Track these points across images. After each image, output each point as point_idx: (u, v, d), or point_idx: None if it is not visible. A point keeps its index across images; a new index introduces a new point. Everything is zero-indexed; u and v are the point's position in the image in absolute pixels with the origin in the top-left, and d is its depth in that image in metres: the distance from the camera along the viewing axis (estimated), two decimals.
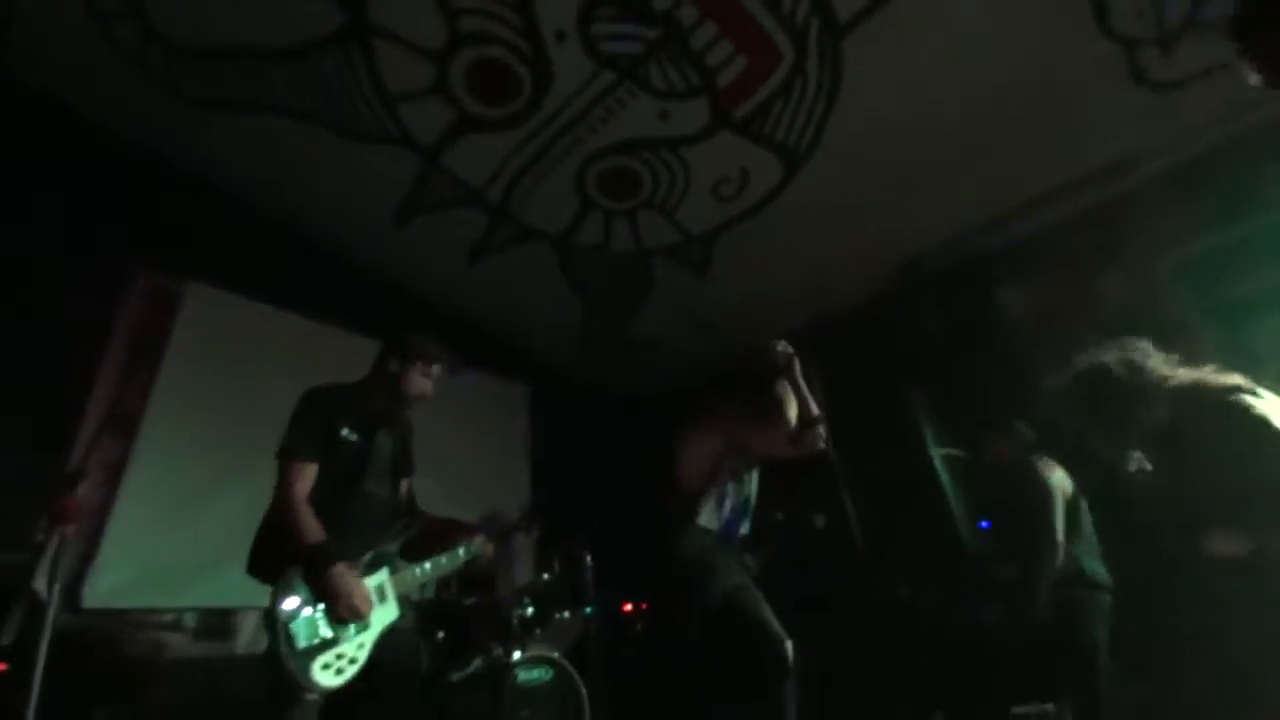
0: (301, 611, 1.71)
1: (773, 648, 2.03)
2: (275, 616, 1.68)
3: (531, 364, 5.37)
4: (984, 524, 3.71)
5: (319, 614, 1.73)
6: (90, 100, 3.36)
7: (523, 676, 2.74)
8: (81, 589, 2.78)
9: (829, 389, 2.38)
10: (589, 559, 3.26)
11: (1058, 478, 2.82)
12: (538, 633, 2.97)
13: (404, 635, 1.94)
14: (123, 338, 3.29)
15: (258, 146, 3.60)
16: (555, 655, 2.87)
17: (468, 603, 2.91)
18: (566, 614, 3.12)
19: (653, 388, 5.53)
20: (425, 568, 2.04)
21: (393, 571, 1.96)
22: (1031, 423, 2.96)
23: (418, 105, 3.37)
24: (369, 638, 1.80)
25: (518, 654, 2.76)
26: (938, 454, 3.87)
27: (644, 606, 3.99)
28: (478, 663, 2.73)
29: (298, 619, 1.70)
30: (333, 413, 1.98)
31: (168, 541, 3.03)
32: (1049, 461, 2.87)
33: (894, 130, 3.44)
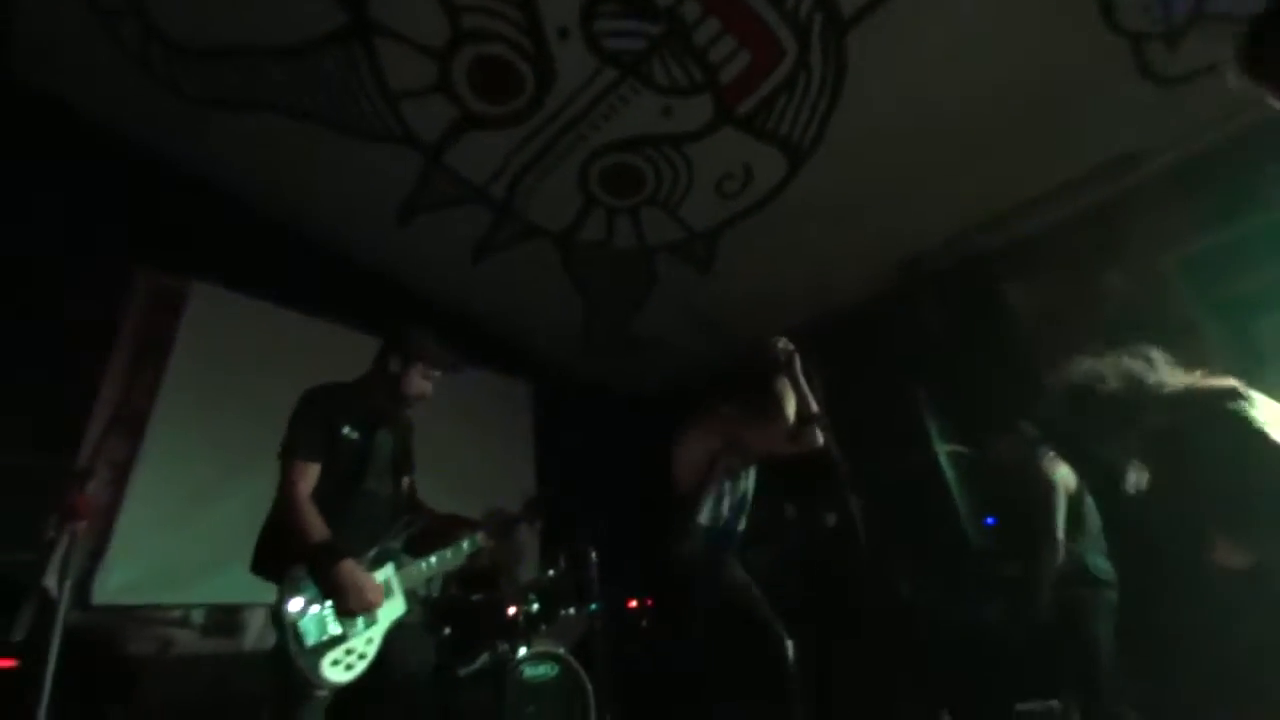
0: (309, 609, 1.71)
1: (773, 647, 2.03)
2: (283, 614, 1.68)
3: (535, 362, 5.38)
4: (989, 521, 3.70)
5: (326, 610, 1.73)
6: (91, 99, 3.36)
7: (528, 672, 2.75)
8: (91, 586, 2.81)
9: (832, 386, 2.37)
10: (594, 555, 3.27)
11: (1061, 474, 2.80)
12: (543, 629, 2.98)
13: (412, 630, 1.94)
14: (129, 338, 3.31)
15: (259, 145, 3.60)
16: (561, 651, 2.88)
17: (474, 599, 2.93)
18: (572, 610, 3.13)
19: (655, 385, 5.54)
20: (430, 562, 2.04)
21: (398, 567, 1.96)
22: (1034, 420, 2.95)
23: (420, 103, 3.37)
24: (377, 633, 1.81)
25: (523, 650, 2.77)
26: (942, 450, 3.85)
27: (648, 603, 4.00)
28: (484, 658, 2.75)
29: (305, 616, 1.70)
30: (333, 412, 1.98)
31: (176, 539, 3.05)
32: (1053, 458, 2.85)
33: (897, 127, 3.42)
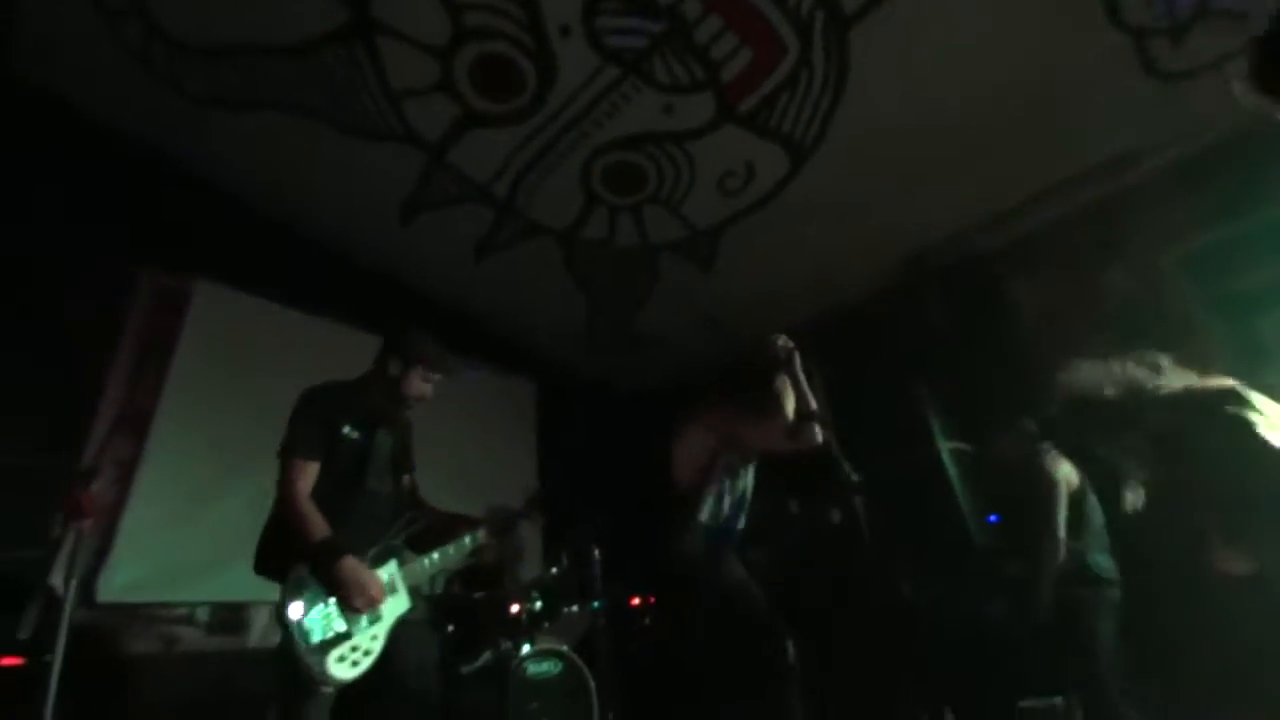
0: (313, 606, 1.72)
1: (773, 646, 2.03)
2: (287, 613, 1.69)
3: (537, 360, 5.38)
4: (992, 518, 3.70)
5: (331, 608, 1.74)
6: (93, 98, 3.36)
7: (532, 669, 2.75)
8: (96, 584, 2.82)
9: (835, 383, 2.36)
10: (596, 553, 3.28)
11: (1064, 472, 2.79)
12: (546, 626, 2.99)
13: (416, 626, 1.95)
14: (133, 337, 3.31)
15: (261, 145, 3.60)
16: (564, 648, 2.89)
17: (477, 596, 2.94)
18: (574, 608, 3.14)
19: (658, 383, 5.54)
20: (433, 558, 2.04)
21: (401, 563, 1.96)
22: (1036, 417, 2.95)
23: (422, 102, 3.37)
24: (382, 629, 1.82)
25: (527, 647, 2.78)
26: (945, 448, 3.85)
27: (651, 600, 4.01)
28: (487, 656, 2.75)
29: (310, 614, 1.71)
30: (332, 411, 1.98)
31: (180, 537, 3.06)
32: (1055, 455, 2.85)
33: (899, 124, 3.41)
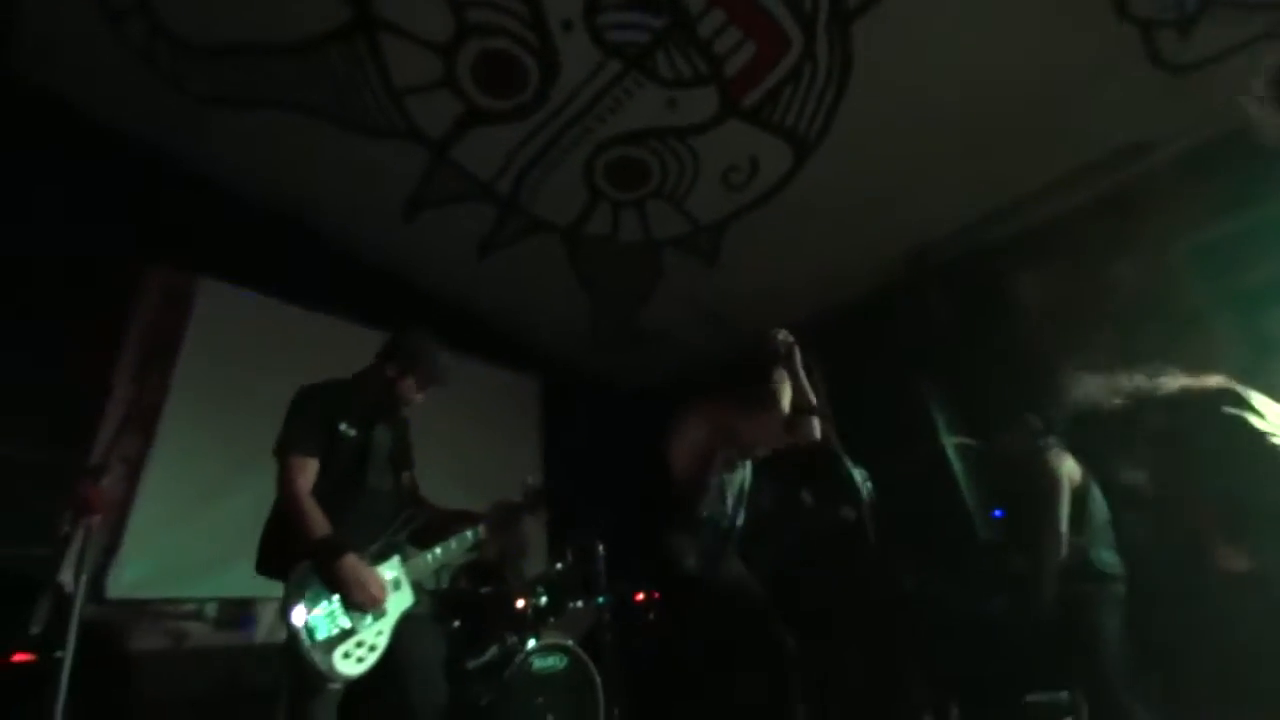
0: (317, 604, 1.72)
1: (772, 642, 2.02)
2: (291, 611, 1.69)
3: (541, 357, 5.39)
4: (997, 513, 3.69)
5: (335, 605, 1.74)
6: (94, 98, 3.37)
7: (538, 664, 2.76)
8: (105, 580, 2.84)
9: (838, 379, 2.36)
10: (601, 549, 3.28)
11: (1067, 467, 2.77)
12: (552, 621, 3.00)
13: (421, 621, 1.95)
14: (139, 335, 3.33)
15: (264, 143, 3.61)
16: (570, 643, 2.90)
17: (483, 592, 2.94)
18: (579, 603, 3.15)
19: (662, 380, 5.54)
20: (436, 553, 2.04)
21: (404, 559, 1.96)
22: (1040, 413, 2.94)
23: (424, 99, 3.37)
24: (387, 625, 1.82)
25: (532, 642, 2.79)
26: (950, 443, 3.84)
27: (655, 596, 4.01)
28: (493, 651, 2.76)
29: (314, 612, 1.70)
30: (329, 409, 1.97)
31: (188, 534, 3.09)
32: (1059, 451, 2.83)
33: (904, 118, 3.40)
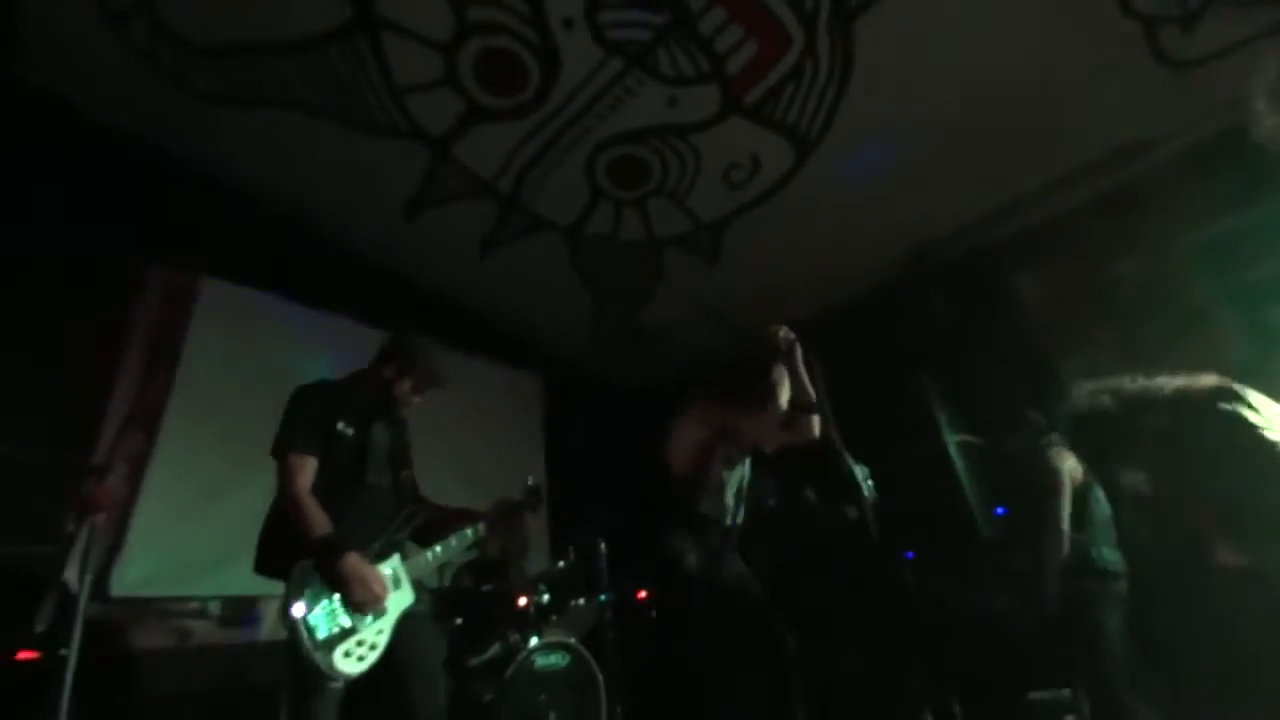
0: (318, 603, 1.71)
1: (772, 640, 2.02)
2: (291, 611, 1.68)
3: (543, 355, 5.40)
4: (999, 511, 3.69)
5: (335, 604, 1.74)
6: (95, 98, 3.37)
7: (540, 662, 2.77)
8: (109, 579, 2.85)
9: (841, 376, 2.35)
10: (603, 547, 3.28)
11: (1069, 465, 2.77)
12: (554, 619, 3.01)
13: (422, 620, 1.95)
14: (142, 334, 3.34)
15: (265, 142, 3.61)
16: (572, 641, 2.90)
17: (485, 589, 2.95)
18: (581, 601, 3.15)
19: (663, 378, 5.53)
20: (436, 551, 2.04)
21: (404, 557, 1.96)
22: (1043, 410, 2.93)
23: (426, 97, 3.37)
24: (387, 623, 1.82)
25: (535, 640, 2.79)
26: (952, 440, 3.84)
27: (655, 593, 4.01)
28: (495, 648, 2.78)
29: (315, 610, 1.70)
30: (327, 408, 1.97)
31: (192, 532, 3.09)
32: (1061, 448, 2.83)
33: (905, 115, 3.39)
